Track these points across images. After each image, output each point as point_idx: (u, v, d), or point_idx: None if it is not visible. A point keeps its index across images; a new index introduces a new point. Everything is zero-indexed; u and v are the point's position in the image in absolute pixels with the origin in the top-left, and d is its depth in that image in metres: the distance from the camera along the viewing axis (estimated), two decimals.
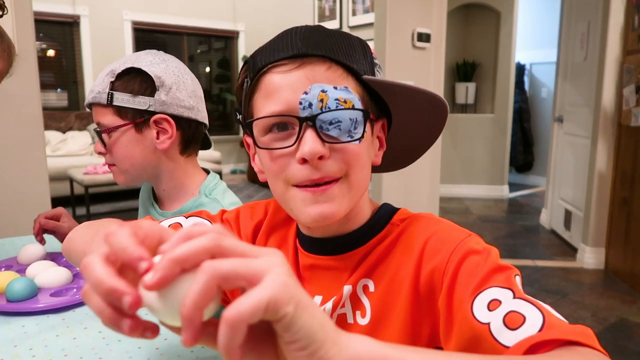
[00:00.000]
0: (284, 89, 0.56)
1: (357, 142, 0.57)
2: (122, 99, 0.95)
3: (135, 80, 0.95)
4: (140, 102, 0.95)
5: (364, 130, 0.57)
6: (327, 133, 0.55)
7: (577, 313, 2.58)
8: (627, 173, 3.01)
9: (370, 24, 5.02)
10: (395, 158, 0.72)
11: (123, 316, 0.33)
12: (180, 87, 0.97)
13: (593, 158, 3.25)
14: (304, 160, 0.55)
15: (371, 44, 4.92)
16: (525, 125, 6.30)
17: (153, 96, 0.95)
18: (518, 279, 0.52)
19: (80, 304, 0.89)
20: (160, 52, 1.01)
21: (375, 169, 0.67)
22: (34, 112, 2.14)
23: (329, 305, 0.61)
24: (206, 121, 1.05)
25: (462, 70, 5.53)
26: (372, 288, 0.61)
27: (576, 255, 3.43)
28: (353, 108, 0.56)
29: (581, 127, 3.55)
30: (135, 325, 0.33)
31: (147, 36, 6.44)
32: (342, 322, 0.61)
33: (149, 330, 0.34)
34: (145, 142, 0.97)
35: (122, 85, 0.95)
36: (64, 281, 0.95)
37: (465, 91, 5.49)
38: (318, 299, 0.63)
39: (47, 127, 5.22)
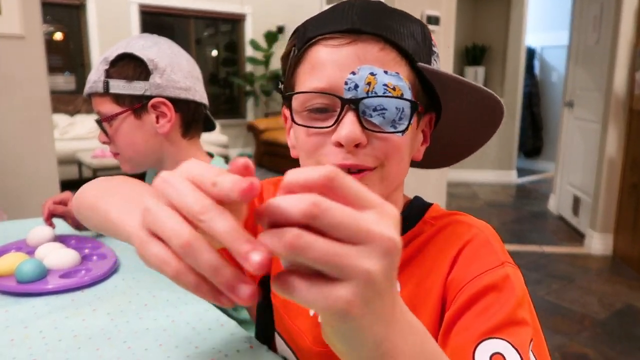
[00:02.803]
0: (330, 64, 0.51)
1: (400, 134, 0.52)
2: (118, 86, 0.94)
3: (128, 65, 0.95)
4: (136, 87, 0.94)
5: (409, 123, 0.52)
6: (370, 119, 0.51)
7: (584, 299, 2.58)
8: (638, 159, 2.97)
9: None
10: (438, 156, 0.67)
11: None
12: (174, 68, 0.96)
13: (603, 143, 3.21)
14: (339, 144, 0.51)
15: None
16: (534, 109, 6.24)
17: (148, 80, 0.94)
18: (532, 344, 0.48)
19: (88, 285, 0.90)
20: (154, 35, 1.00)
21: (413, 164, 0.62)
22: (42, 95, 2.15)
23: None
24: (205, 101, 1.04)
25: (471, 54, 5.46)
26: (397, 289, 0.58)
27: (584, 241, 3.42)
28: (401, 97, 0.51)
29: (592, 112, 3.51)
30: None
31: (153, 19, 6.41)
32: None
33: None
34: (145, 128, 0.97)
35: (117, 72, 0.94)
36: (73, 263, 0.96)
37: (475, 75, 5.43)
38: None
39: (55, 110, 5.23)
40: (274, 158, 5.95)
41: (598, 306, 2.50)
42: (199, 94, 1.01)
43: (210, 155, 1.08)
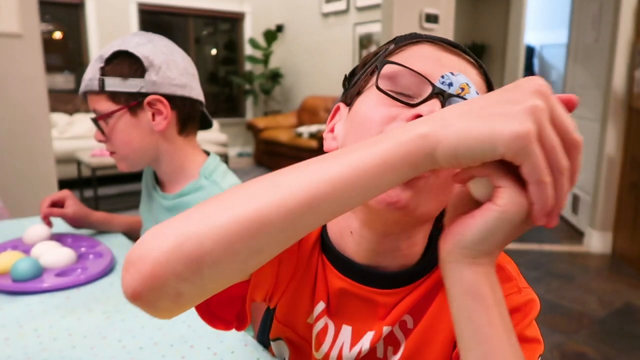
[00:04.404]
0: (433, 58, 0.49)
1: None
2: (114, 84, 0.94)
3: (124, 63, 0.94)
4: (132, 85, 0.94)
5: None
6: None
7: (583, 297, 2.57)
8: (637, 157, 2.97)
9: (377, 5, 4.95)
10: None
11: None
12: (170, 65, 0.96)
13: (602, 141, 3.21)
14: (416, 117, 0.44)
15: (378, 26, 4.77)
16: None
17: (143, 77, 0.94)
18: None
19: (84, 284, 0.90)
20: (148, 33, 1.00)
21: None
22: (39, 93, 2.14)
23: (365, 343, 0.54)
24: (201, 98, 1.03)
25: None
26: (410, 324, 0.55)
27: (583, 240, 3.42)
28: None
29: (591, 110, 3.50)
30: None
31: (153, 18, 6.40)
32: (371, 356, 0.56)
33: None
34: (141, 125, 0.97)
35: (112, 69, 0.94)
36: (69, 261, 0.96)
37: None
38: (347, 329, 0.56)
39: (55, 109, 5.23)
40: (273, 157, 5.95)
41: (597, 304, 2.50)
42: (195, 91, 1.01)
43: (207, 153, 1.07)
